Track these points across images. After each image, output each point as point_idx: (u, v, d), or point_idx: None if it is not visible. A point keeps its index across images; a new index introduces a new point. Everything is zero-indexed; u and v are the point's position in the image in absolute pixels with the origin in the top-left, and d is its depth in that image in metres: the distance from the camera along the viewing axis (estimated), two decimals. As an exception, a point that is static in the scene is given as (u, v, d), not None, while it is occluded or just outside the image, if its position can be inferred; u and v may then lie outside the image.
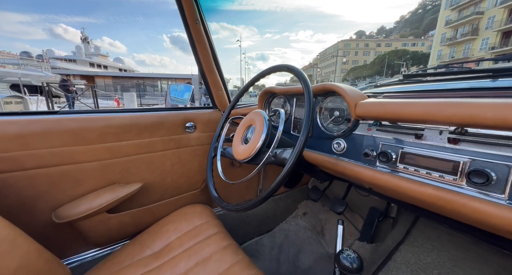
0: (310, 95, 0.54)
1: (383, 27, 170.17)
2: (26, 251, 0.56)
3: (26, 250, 0.57)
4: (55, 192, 0.75)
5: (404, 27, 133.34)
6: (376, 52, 72.49)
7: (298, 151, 0.51)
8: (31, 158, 0.69)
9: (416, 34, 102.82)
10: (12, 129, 0.65)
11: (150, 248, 0.78)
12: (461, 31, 30.30)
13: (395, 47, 71.07)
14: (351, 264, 0.56)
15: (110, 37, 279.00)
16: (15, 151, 0.66)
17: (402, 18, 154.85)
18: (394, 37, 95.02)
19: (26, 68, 15.43)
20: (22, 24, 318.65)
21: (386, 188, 0.57)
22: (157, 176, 0.97)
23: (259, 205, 0.57)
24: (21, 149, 0.67)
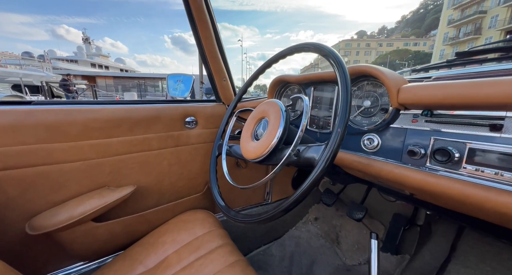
0: (345, 70, 0.41)
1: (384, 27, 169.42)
2: None
3: None
4: (28, 198, 0.63)
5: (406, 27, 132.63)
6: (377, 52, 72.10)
7: (334, 146, 0.38)
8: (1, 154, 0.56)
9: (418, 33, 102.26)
10: None
11: (142, 263, 0.66)
12: (464, 30, 30.04)
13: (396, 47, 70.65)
14: None
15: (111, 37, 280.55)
16: None
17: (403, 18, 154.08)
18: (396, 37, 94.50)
19: (27, 68, 15.39)
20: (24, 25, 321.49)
21: (443, 196, 0.44)
22: (152, 178, 0.84)
23: (280, 217, 0.44)
24: None
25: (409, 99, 0.48)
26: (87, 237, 0.71)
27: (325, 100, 0.75)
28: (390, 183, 0.56)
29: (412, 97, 0.47)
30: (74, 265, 0.76)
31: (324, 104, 0.75)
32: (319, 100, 0.77)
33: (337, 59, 0.43)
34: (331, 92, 0.72)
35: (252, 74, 0.73)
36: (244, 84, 0.77)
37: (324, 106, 0.75)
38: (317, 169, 0.39)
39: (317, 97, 0.78)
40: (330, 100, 0.72)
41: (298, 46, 0.54)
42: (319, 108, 0.76)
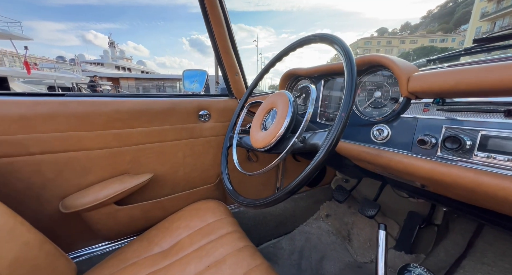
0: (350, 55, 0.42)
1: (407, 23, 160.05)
2: (25, 242, 0.51)
3: (26, 240, 0.51)
4: (62, 180, 0.71)
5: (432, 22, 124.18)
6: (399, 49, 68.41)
7: (337, 132, 0.39)
8: (36, 142, 0.64)
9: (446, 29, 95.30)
10: (16, 110, 0.61)
11: (158, 245, 0.71)
12: (500, 24, 27.49)
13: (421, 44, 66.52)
14: None
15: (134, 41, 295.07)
16: (19, 133, 0.62)
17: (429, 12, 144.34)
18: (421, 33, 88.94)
19: (60, 71, 16.80)
20: (58, 32, 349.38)
21: (454, 186, 0.43)
22: (168, 167, 0.90)
23: (284, 200, 0.46)
24: (26, 132, 0.62)
25: (419, 87, 0.47)
26: (109, 218, 0.78)
27: (335, 93, 0.75)
28: (400, 174, 0.55)
29: (422, 85, 0.46)
30: (99, 244, 0.84)
31: (335, 97, 0.75)
32: (330, 93, 0.77)
33: (343, 45, 0.44)
34: (341, 85, 0.72)
35: (263, 67, 0.75)
36: (255, 79, 0.79)
37: (334, 99, 0.75)
38: (320, 152, 0.40)
39: (327, 90, 0.78)
40: (340, 93, 0.72)
41: (306, 38, 0.55)
42: (329, 101, 0.76)
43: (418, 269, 0.46)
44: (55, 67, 18.72)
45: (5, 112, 0.59)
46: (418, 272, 0.44)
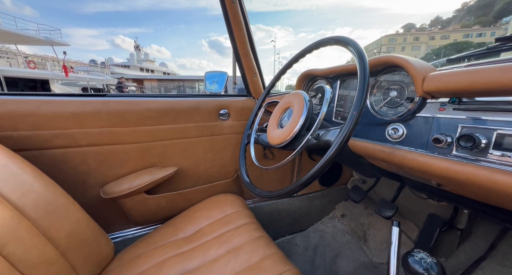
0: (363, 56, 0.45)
1: (438, 18, 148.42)
2: (77, 219, 0.60)
3: (78, 218, 0.61)
4: (103, 170, 0.81)
5: (467, 15, 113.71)
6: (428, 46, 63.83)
7: (349, 129, 0.42)
8: (84, 135, 0.75)
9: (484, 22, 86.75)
10: (70, 108, 0.72)
11: (182, 231, 0.78)
12: (549, 13, 24.35)
13: (454, 39, 61.36)
14: (426, 270, 0.43)
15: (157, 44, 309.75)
16: (71, 128, 0.73)
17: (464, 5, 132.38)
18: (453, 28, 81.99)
19: (92, 74, 18.29)
20: (91, 37, 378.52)
21: (469, 184, 0.43)
22: (191, 162, 0.97)
23: (298, 191, 0.50)
24: (76, 127, 0.73)
25: (434, 87, 0.48)
26: (140, 205, 0.87)
27: (351, 93, 0.76)
28: (415, 172, 0.56)
29: (437, 85, 0.47)
30: (130, 228, 0.94)
31: (350, 97, 0.77)
32: (345, 93, 0.78)
33: (356, 47, 0.46)
34: (356, 85, 0.73)
35: (280, 69, 0.79)
36: (272, 79, 0.84)
37: (350, 98, 0.77)
38: (332, 148, 0.43)
39: (343, 90, 0.80)
40: (354, 94, 0.73)
41: (322, 40, 0.58)
42: (344, 100, 0.78)
43: (421, 253, 0.46)
44: (88, 70, 20.40)
45: (62, 110, 0.70)
46: (420, 256, 0.45)
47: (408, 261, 0.44)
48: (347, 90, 0.77)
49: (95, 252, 0.64)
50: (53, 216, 0.55)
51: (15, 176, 0.52)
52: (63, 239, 0.55)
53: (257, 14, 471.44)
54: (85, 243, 0.61)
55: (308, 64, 21.21)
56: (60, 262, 0.53)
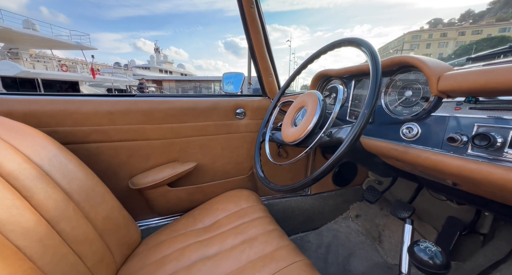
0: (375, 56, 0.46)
1: (469, 11, 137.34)
2: (111, 206, 0.68)
3: (112, 205, 0.69)
4: (132, 163, 0.89)
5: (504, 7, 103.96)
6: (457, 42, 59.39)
7: (360, 127, 0.44)
8: (116, 131, 0.83)
9: (522, 14, 78.79)
10: (105, 107, 0.80)
11: (201, 222, 0.84)
12: None
13: (487, 34, 56.51)
14: (431, 258, 0.44)
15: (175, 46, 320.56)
16: (105, 125, 0.81)
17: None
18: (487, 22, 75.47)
19: (116, 75, 19.48)
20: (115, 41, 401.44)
21: (485, 183, 0.44)
22: (209, 158, 1.03)
23: (310, 185, 0.53)
24: (109, 124, 0.82)
25: (449, 86, 0.48)
26: (163, 197, 0.95)
27: (365, 93, 0.77)
28: (428, 171, 0.57)
29: (452, 84, 0.48)
30: (154, 218, 1.02)
31: (364, 96, 0.77)
32: (360, 93, 0.79)
33: (369, 47, 0.48)
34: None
35: (295, 70, 0.82)
36: (287, 80, 0.87)
37: (364, 98, 0.77)
38: (343, 145, 0.46)
39: (358, 90, 0.81)
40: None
41: (336, 42, 0.60)
42: (359, 100, 0.79)
43: (426, 243, 0.47)
44: (112, 72, 21.73)
45: (98, 109, 0.79)
46: (425, 245, 0.45)
47: (414, 249, 0.45)
48: (362, 90, 0.78)
49: (126, 236, 0.71)
50: (92, 201, 0.63)
51: (64, 165, 0.60)
52: (100, 222, 0.63)
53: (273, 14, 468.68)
54: (118, 227, 0.68)
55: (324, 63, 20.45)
56: (99, 242, 0.60)
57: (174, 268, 0.63)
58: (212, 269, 0.60)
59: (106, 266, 0.61)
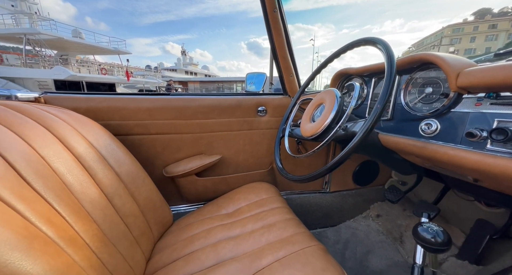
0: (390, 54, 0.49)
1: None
2: (150, 189, 0.80)
3: (151, 188, 0.80)
4: (166, 154, 1.02)
5: None
6: (510, 34, 52.14)
7: (373, 120, 0.48)
8: (154, 126, 0.96)
9: None
10: (146, 104, 0.93)
11: (225, 209, 0.92)
12: None
13: (548, 22, 48.62)
14: (433, 237, 0.46)
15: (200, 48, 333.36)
16: (146, 120, 0.94)
17: None
18: (547, 8, 64.92)
19: (147, 77, 21.06)
20: (146, 46, 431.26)
21: (504, 178, 0.44)
22: (232, 152, 1.12)
23: (324, 175, 0.57)
24: (149, 119, 0.94)
25: (469, 82, 0.49)
26: (191, 185, 1.06)
27: None
28: (447, 166, 0.57)
29: (471, 80, 0.48)
30: (183, 205, 1.14)
31: None
32: (379, 92, 0.80)
33: (384, 45, 0.51)
34: None
35: (315, 69, 0.86)
36: (307, 79, 0.91)
37: None
38: (356, 137, 0.49)
39: (378, 89, 0.82)
40: None
41: (354, 42, 0.63)
42: (378, 97, 0.80)
43: (429, 223, 0.48)
44: (144, 74, 23.46)
45: (140, 106, 0.92)
46: (428, 225, 0.46)
47: (417, 230, 0.46)
48: (381, 88, 0.79)
49: (161, 216, 0.83)
50: (136, 183, 0.74)
51: (115, 152, 0.73)
52: (142, 201, 0.74)
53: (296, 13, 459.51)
54: (155, 207, 0.80)
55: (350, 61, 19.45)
56: (141, 218, 0.72)
57: (202, 244, 0.72)
58: (234, 248, 0.67)
59: (147, 239, 0.72)
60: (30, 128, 0.52)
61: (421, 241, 0.46)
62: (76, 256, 0.42)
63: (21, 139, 0.47)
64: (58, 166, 0.51)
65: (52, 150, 0.52)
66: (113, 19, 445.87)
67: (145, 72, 25.67)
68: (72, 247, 0.42)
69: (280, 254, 0.61)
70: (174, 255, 0.69)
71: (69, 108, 0.77)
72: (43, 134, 0.53)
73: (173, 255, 0.70)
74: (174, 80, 17.54)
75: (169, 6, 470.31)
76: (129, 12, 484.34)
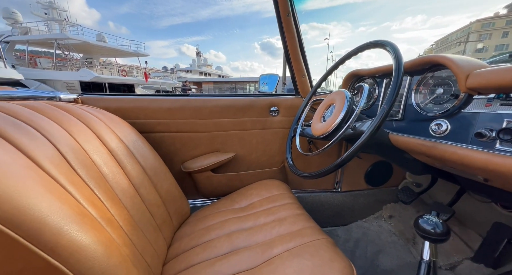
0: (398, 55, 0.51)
1: None
2: (170, 182, 0.87)
3: (171, 182, 0.88)
4: (184, 150, 1.09)
5: None
6: (547, 26, 47.49)
7: (380, 119, 0.50)
8: (174, 124, 1.04)
9: None
10: (166, 104, 1.01)
11: (238, 203, 0.98)
12: None
13: None
14: (433, 228, 0.47)
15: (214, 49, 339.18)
16: (167, 118, 1.02)
17: None
18: None
19: (164, 78, 21.87)
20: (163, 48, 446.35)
21: (509, 176, 0.45)
22: (245, 150, 1.17)
23: (332, 171, 0.60)
24: (170, 118, 1.02)
25: (477, 84, 0.50)
26: (207, 181, 1.12)
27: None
28: (456, 166, 0.58)
29: (480, 81, 0.49)
30: (199, 199, 1.21)
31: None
32: None
33: (392, 47, 0.54)
34: (403, 83, 0.76)
35: (327, 70, 0.89)
36: (319, 80, 0.94)
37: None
38: (364, 135, 0.52)
39: (386, 89, 0.83)
40: (401, 91, 0.76)
41: (363, 45, 0.66)
42: (390, 97, 0.81)
43: (429, 216, 0.49)
44: (160, 76, 24.36)
45: (162, 106, 1.00)
46: (428, 217, 0.47)
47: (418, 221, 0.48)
48: None
49: (180, 207, 0.90)
50: (158, 176, 0.82)
51: (141, 147, 0.81)
52: (164, 193, 0.81)
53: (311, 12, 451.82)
54: (175, 199, 0.87)
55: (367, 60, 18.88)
56: (163, 208, 0.79)
57: (217, 234, 0.78)
58: (247, 238, 0.72)
59: (167, 227, 0.80)
60: (74, 125, 0.60)
61: (421, 232, 0.48)
62: (114, 234, 0.49)
63: (68, 134, 0.56)
64: (96, 158, 0.59)
65: (91, 144, 0.60)
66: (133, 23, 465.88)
67: (161, 74, 26.65)
68: (110, 227, 0.49)
69: (290, 245, 0.65)
70: (192, 243, 0.76)
71: (101, 108, 0.87)
72: (84, 130, 0.62)
73: (191, 243, 0.76)
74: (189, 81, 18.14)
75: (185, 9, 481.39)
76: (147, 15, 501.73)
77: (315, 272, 0.54)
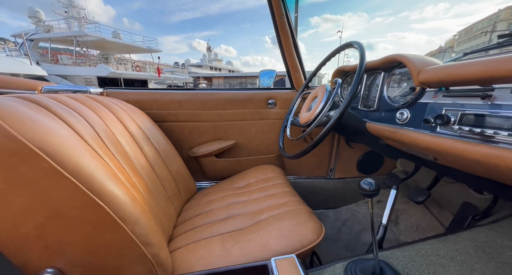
0: (362, 55, 0.63)
1: None
2: (180, 164, 1.03)
3: (180, 163, 1.04)
4: (191, 138, 1.26)
5: None
6: None
7: (343, 108, 0.63)
8: (183, 114, 1.20)
9: None
10: (177, 97, 1.17)
11: (237, 183, 1.13)
12: None
13: None
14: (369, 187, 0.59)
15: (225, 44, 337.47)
16: (176, 109, 1.18)
17: None
18: None
19: (175, 74, 22.35)
20: (175, 43, 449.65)
21: (444, 153, 0.56)
22: (245, 139, 1.32)
23: (309, 151, 0.73)
24: (179, 109, 1.18)
25: (425, 79, 0.61)
26: (211, 165, 1.28)
27: (374, 86, 0.90)
28: (411, 147, 0.69)
29: (426, 77, 0.60)
30: (204, 181, 1.38)
31: (373, 88, 0.90)
32: (369, 86, 0.92)
33: (360, 47, 0.65)
34: (378, 79, 0.87)
35: (314, 70, 1.01)
36: (309, 76, 1.05)
37: (373, 90, 0.90)
38: (330, 122, 0.65)
39: (368, 83, 0.93)
40: (376, 86, 0.87)
41: (340, 47, 0.77)
42: (368, 91, 0.92)
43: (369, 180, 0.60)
44: (172, 71, 24.88)
45: (172, 98, 1.16)
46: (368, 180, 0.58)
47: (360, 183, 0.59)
48: (372, 82, 0.91)
49: (188, 185, 1.06)
50: (169, 158, 0.98)
51: (155, 134, 0.97)
52: (174, 172, 0.98)
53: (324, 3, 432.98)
54: (183, 178, 1.03)
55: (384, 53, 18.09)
56: (173, 184, 0.96)
57: (218, 206, 0.93)
58: (241, 208, 0.88)
59: (177, 200, 0.97)
60: (103, 112, 0.77)
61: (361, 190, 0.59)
62: (137, 195, 0.65)
63: (100, 119, 0.72)
64: (121, 139, 0.76)
65: (117, 128, 0.77)
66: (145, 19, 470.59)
67: (173, 69, 27.18)
68: (134, 190, 0.66)
69: (275, 212, 0.80)
70: (197, 212, 0.92)
71: (122, 100, 1.04)
72: (111, 117, 0.78)
73: (196, 212, 0.93)
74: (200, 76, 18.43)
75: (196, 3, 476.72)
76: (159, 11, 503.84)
77: (291, 230, 0.68)
